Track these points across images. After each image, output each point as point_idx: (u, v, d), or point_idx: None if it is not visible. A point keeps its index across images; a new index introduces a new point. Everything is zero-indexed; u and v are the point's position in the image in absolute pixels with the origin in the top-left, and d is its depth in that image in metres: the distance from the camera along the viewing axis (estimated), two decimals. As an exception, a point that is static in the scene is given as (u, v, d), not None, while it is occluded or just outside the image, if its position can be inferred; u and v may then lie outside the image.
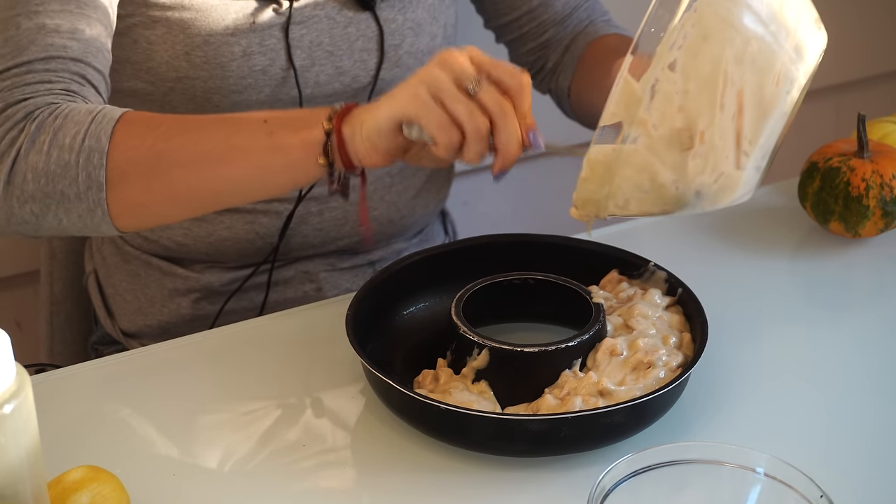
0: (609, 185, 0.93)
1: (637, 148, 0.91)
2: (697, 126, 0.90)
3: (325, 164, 0.98)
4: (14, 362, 0.72)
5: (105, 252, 1.32)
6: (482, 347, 0.97)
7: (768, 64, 0.90)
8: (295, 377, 1.05)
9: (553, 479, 0.93)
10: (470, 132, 0.93)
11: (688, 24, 0.89)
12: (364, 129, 0.96)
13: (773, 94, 0.91)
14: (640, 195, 0.94)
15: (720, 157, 0.92)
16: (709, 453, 0.83)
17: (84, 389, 1.05)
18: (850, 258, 1.21)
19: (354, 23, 1.20)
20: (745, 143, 0.91)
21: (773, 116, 0.91)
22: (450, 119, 0.93)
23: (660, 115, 0.90)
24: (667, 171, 0.92)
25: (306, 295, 1.27)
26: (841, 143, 1.24)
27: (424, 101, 0.93)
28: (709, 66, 0.90)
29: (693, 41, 0.90)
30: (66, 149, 0.99)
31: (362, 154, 0.97)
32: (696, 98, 0.90)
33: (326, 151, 0.97)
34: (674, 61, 0.90)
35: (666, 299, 1.05)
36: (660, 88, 0.90)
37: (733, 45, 0.90)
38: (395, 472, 0.95)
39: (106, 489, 0.83)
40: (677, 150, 0.91)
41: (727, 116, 0.90)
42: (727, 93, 0.90)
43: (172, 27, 1.14)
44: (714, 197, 0.94)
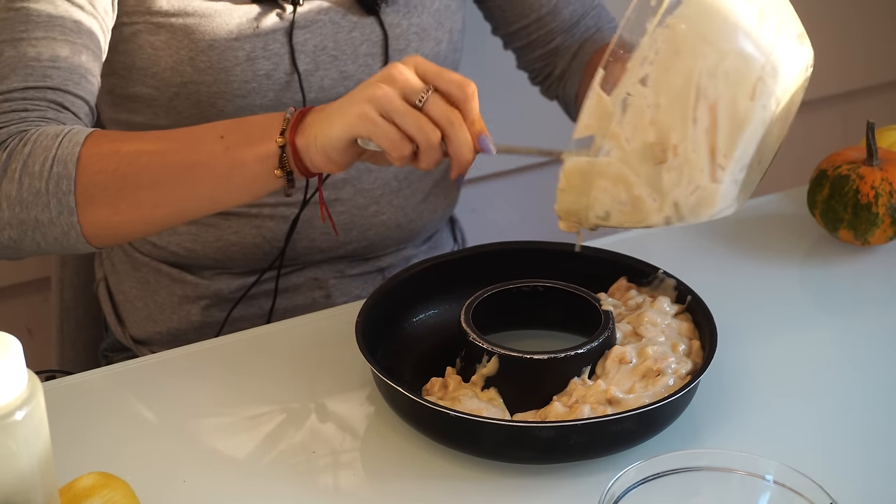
0: (587, 196, 0.94)
1: (611, 161, 0.92)
2: (670, 140, 0.91)
3: (283, 176, 0.99)
4: (26, 369, 0.72)
5: (115, 259, 1.32)
6: (492, 355, 0.97)
7: (742, 78, 0.90)
8: (304, 384, 1.05)
9: (562, 487, 0.93)
10: (422, 144, 0.95)
11: (659, 39, 0.90)
12: (319, 143, 0.98)
13: (747, 109, 0.91)
14: (619, 207, 0.94)
15: (695, 171, 0.92)
16: (718, 461, 0.83)
17: (94, 396, 1.05)
18: (859, 266, 1.21)
19: (359, 27, 1.20)
20: (719, 156, 0.91)
21: (747, 130, 0.91)
22: (401, 134, 0.95)
23: (632, 129, 0.91)
24: (642, 183, 0.92)
25: (315, 302, 1.27)
26: (850, 150, 1.24)
27: (374, 120, 0.95)
28: (680, 80, 0.90)
29: (665, 56, 0.90)
30: (35, 176, 1.01)
31: (319, 164, 0.99)
32: (668, 112, 0.90)
33: (282, 164, 0.99)
34: (645, 76, 0.90)
35: (675, 307, 1.05)
36: (631, 102, 0.91)
37: (706, 60, 0.90)
38: (404, 478, 0.95)
39: (117, 496, 0.83)
40: (651, 163, 0.92)
41: (700, 130, 0.90)
42: (699, 107, 0.90)
43: (177, 33, 1.15)
44: (693, 209, 0.94)
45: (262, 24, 1.16)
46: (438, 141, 0.95)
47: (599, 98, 0.91)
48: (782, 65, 0.92)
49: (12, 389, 0.71)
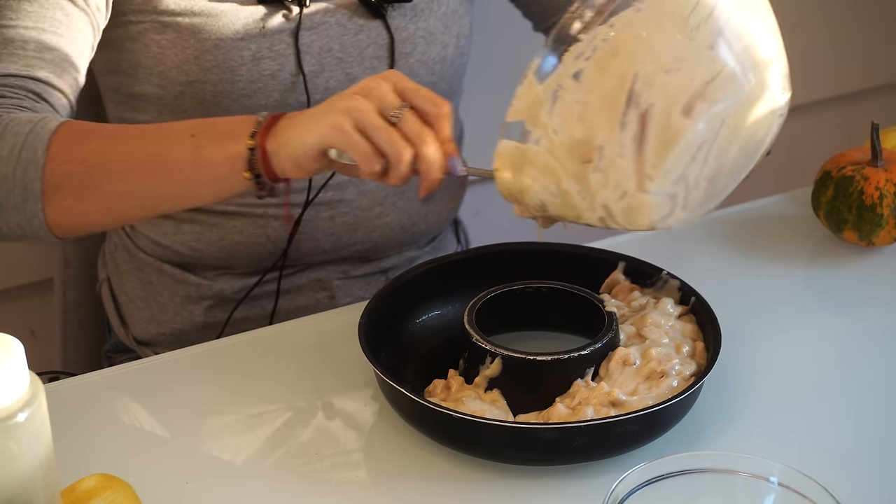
0: (519, 181, 0.94)
1: (539, 150, 0.92)
2: (596, 139, 0.90)
3: (251, 178, 0.99)
4: (28, 370, 0.72)
5: (118, 260, 1.32)
6: (495, 356, 0.97)
7: (679, 92, 0.89)
8: (307, 385, 1.05)
9: (566, 488, 0.93)
10: (392, 160, 0.95)
11: (599, 37, 0.89)
12: (289, 148, 0.98)
13: (680, 125, 0.89)
14: (552, 199, 0.94)
15: (621, 176, 0.91)
16: (722, 462, 0.83)
17: (97, 397, 1.05)
18: (863, 267, 1.21)
19: (365, 30, 1.20)
20: (647, 166, 0.90)
21: (679, 146, 0.90)
22: (373, 149, 0.95)
23: (560, 122, 0.91)
24: (569, 178, 0.92)
25: (319, 303, 1.27)
26: (854, 151, 1.23)
27: (347, 132, 0.95)
28: (614, 82, 0.89)
29: (602, 55, 0.90)
30: (3, 160, 1.01)
31: (287, 170, 0.99)
32: (597, 111, 0.90)
33: (251, 166, 0.99)
34: (579, 71, 0.90)
35: (678, 308, 1.05)
36: (562, 95, 0.90)
37: (645, 67, 0.89)
38: (407, 479, 0.95)
39: (119, 498, 0.83)
40: (578, 160, 0.91)
41: (628, 136, 0.90)
42: (630, 112, 0.89)
43: (183, 32, 1.15)
44: (626, 216, 0.93)
45: (267, 24, 1.16)
46: (410, 158, 0.95)
47: (532, 85, 0.91)
48: (734, 91, 0.90)
49: (14, 391, 0.71)
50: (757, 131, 0.94)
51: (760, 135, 0.95)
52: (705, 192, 0.94)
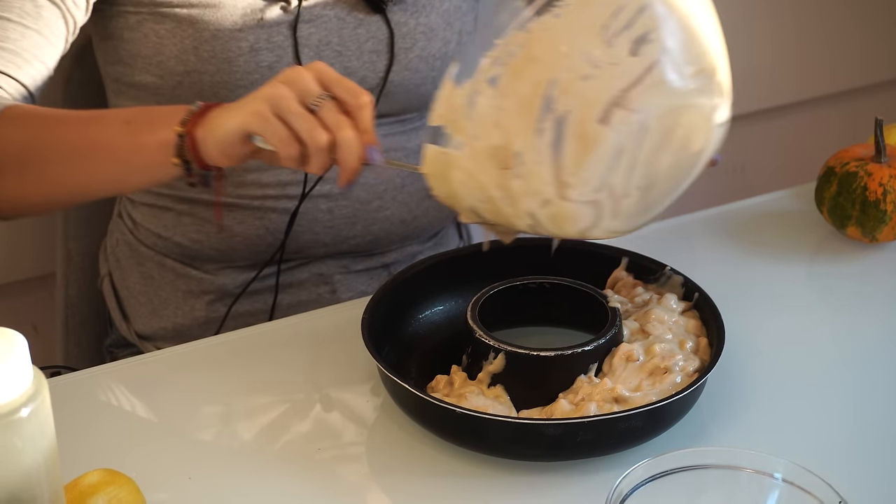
0: (448, 186, 0.94)
1: (462, 154, 0.92)
2: (514, 145, 0.90)
3: (180, 164, 1.01)
4: (31, 365, 0.72)
5: (119, 254, 1.32)
6: (498, 351, 0.97)
7: (596, 100, 0.88)
8: (310, 380, 1.05)
9: (569, 484, 0.93)
10: (310, 146, 0.96)
11: (515, 43, 0.89)
12: (214, 135, 0.99)
13: (597, 132, 0.88)
14: (481, 204, 0.94)
15: (541, 182, 0.90)
16: (726, 458, 0.83)
17: (99, 392, 1.05)
18: (867, 263, 1.20)
19: (365, 24, 1.20)
20: (565, 173, 0.90)
21: (595, 153, 0.89)
22: (290, 134, 0.95)
23: (479, 127, 0.90)
24: (492, 185, 0.92)
25: (320, 297, 1.27)
26: (858, 147, 1.23)
27: (266, 118, 0.96)
28: (529, 87, 0.89)
29: (518, 60, 0.89)
30: None
31: (214, 157, 1.00)
32: (513, 117, 0.89)
33: (180, 152, 1.00)
34: (496, 76, 0.89)
35: (682, 304, 1.05)
36: (479, 100, 0.90)
37: (560, 73, 0.88)
38: (410, 475, 0.95)
39: (122, 492, 0.83)
40: (498, 166, 0.91)
41: (545, 142, 0.89)
42: (546, 119, 0.88)
43: (181, 22, 1.15)
44: (552, 223, 0.93)
45: (266, 16, 1.16)
46: (325, 144, 0.95)
47: (450, 90, 0.91)
48: (658, 99, 0.89)
49: (18, 386, 0.71)
50: (691, 141, 0.93)
51: (697, 146, 0.93)
52: (640, 201, 0.93)
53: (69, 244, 1.41)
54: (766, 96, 1.96)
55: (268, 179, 1.22)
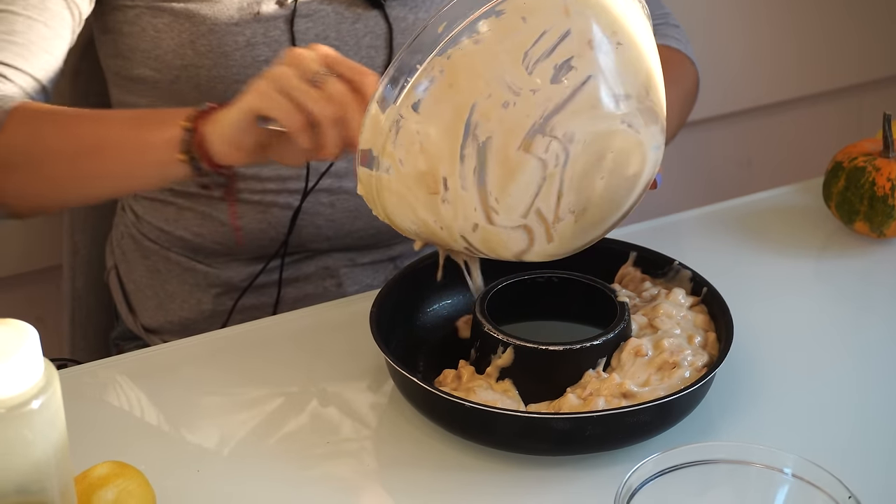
0: (383, 208, 0.94)
1: (391, 178, 0.92)
2: (439, 171, 0.90)
3: (187, 161, 1.01)
4: (42, 357, 0.72)
5: (125, 247, 1.32)
6: (507, 345, 0.97)
7: (518, 126, 0.88)
8: (318, 373, 1.05)
9: (578, 479, 0.93)
10: (317, 117, 0.95)
11: (436, 68, 0.88)
12: (220, 127, 0.99)
13: (519, 158, 0.88)
14: (416, 227, 0.94)
15: (468, 208, 0.91)
16: (736, 453, 0.83)
17: (106, 385, 1.05)
18: (875, 258, 1.20)
19: (363, 19, 1.20)
20: (490, 199, 0.90)
21: (519, 180, 0.89)
22: (295, 106, 0.95)
23: (405, 152, 0.90)
24: (422, 208, 0.92)
25: (326, 290, 1.27)
26: (866, 142, 1.23)
27: (269, 95, 0.96)
28: (450, 113, 0.88)
29: (439, 86, 0.88)
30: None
31: (222, 153, 1.00)
32: (437, 143, 0.89)
33: (187, 149, 1.00)
34: (418, 101, 0.89)
35: (690, 299, 1.05)
36: (403, 125, 0.89)
37: (481, 99, 0.88)
38: (418, 469, 0.94)
39: (132, 485, 0.83)
40: (426, 190, 0.91)
41: (468, 168, 0.89)
42: (468, 145, 0.88)
43: (178, 16, 1.15)
44: (486, 246, 0.93)
45: (262, 10, 1.16)
46: (334, 116, 0.95)
47: (376, 114, 0.90)
48: (581, 125, 0.89)
49: (29, 378, 0.71)
50: (624, 166, 0.92)
51: (632, 170, 0.93)
52: (576, 225, 0.93)
53: (76, 237, 1.41)
54: (772, 90, 1.95)
55: (268, 174, 1.22)
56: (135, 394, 1.04)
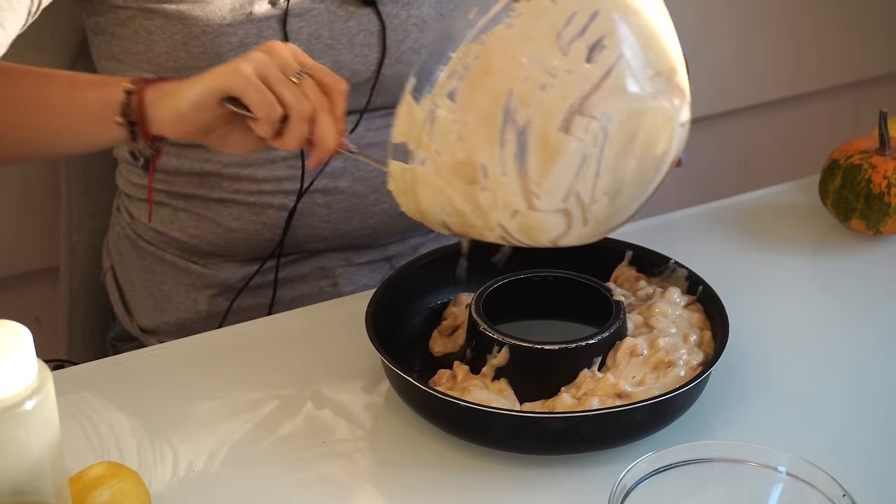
0: (416, 202, 0.94)
1: (427, 170, 0.91)
2: (478, 159, 0.89)
3: (124, 123, 1.00)
4: (36, 358, 0.72)
5: (121, 248, 1.32)
6: (502, 345, 0.97)
7: (556, 108, 0.88)
8: (314, 373, 1.05)
9: (573, 477, 0.93)
10: (294, 113, 0.95)
11: (471, 56, 0.88)
12: (175, 98, 0.98)
13: (559, 140, 0.88)
14: (451, 218, 0.94)
15: (508, 194, 0.90)
16: (730, 452, 0.83)
17: (103, 386, 1.05)
18: (871, 256, 1.20)
19: (356, 17, 1.20)
20: (531, 183, 0.90)
21: (560, 162, 0.89)
22: (275, 99, 0.95)
23: (441, 143, 0.90)
24: (460, 198, 0.92)
25: (322, 291, 1.27)
26: (862, 140, 1.23)
27: (249, 78, 0.96)
28: (488, 100, 0.88)
29: (474, 73, 0.88)
30: None
31: (165, 121, 0.99)
32: (474, 131, 0.89)
33: (125, 112, 1.00)
34: (454, 90, 0.89)
35: (685, 297, 1.05)
36: (439, 115, 0.89)
37: (518, 83, 0.88)
38: (414, 468, 0.95)
39: (126, 485, 0.83)
40: (464, 180, 0.90)
41: (508, 154, 0.89)
42: (507, 130, 0.88)
43: (170, 18, 1.15)
44: (523, 233, 0.93)
45: (254, 10, 1.16)
46: (310, 113, 0.95)
47: (410, 105, 0.90)
48: (617, 104, 0.89)
49: (22, 379, 0.71)
50: (654, 144, 0.93)
51: (661, 148, 0.93)
52: (609, 207, 0.93)
53: (73, 237, 1.41)
54: (768, 88, 1.95)
55: (263, 175, 1.22)
56: (131, 394, 1.04)
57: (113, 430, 0.98)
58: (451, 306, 1.07)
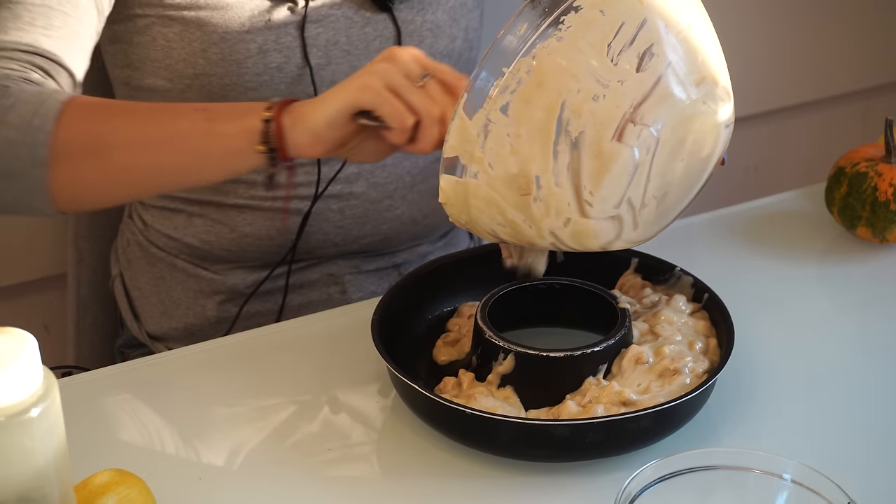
0: (467, 213, 0.95)
1: (479, 183, 0.92)
2: (531, 171, 0.91)
3: (266, 152, 1.00)
4: (41, 366, 0.72)
5: (130, 255, 1.33)
6: (508, 352, 0.97)
7: (609, 118, 0.89)
8: (320, 380, 1.05)
9: (578, 485, 0.93)
10: (425, 117, 0.97)
11: (522, 70, 0.89)
12: (309, 120, 0.99)
13: (613, 149, 0.90)
14: (501, 228, 0.95)
15: (561, 204, 0.91)
16: (735, 459, 0.83)
17: (111, 393, 1.05)
18: (877, 264, 1.20)
19: (372, 23, 1.20)
20: (585, 192, 0.91)
21: (613, 171, 0.90)
22: (405, 106, 0.96)
23: (494, 156, 0.91)
24: (512, 209, 0.93)
25: (331, 297, 1.27)
26: (868, 147, 1.23)
27: (378, 91, 0.97)
28: (541, 113, 0.89)
29: (527, 87, 0.89)
30: (13, 127, 1.02)
31: (302, 144, 1.00)
32: (528, 143, 0.90)
33: (265, 140, 1.00)
34: (506, 104, 0.90)
35: (691, 305, 1.05)
36: (492, 129, 0.90)
37: (571, 95, 0.89)
38: (419, 476, 0.95)
39: (132, 492, 0.84)
40: (517, 192, 0.91)
41: (562, 164, 0.90)
42: (561, 141, 0.89)
43: (189, 24, 1.16)
44: (575, 240, 0.94)
45: (273, 17, 1.16)
46: (441, 116, 0.96)
47: (462, 121, 0.91)
48: (666, 111, 0.90)
49: (28, 386, 0.71)
50: (701, 147, 0.94)
51: (707, 150, 0.95)
52: (657, 210, 0.94)
53: (80, 244, 1.42)
54: (776, 96, 1.95)
55: (280, 181, 1.22)
56: (138, 401, 1.04)
57: (120, 436, 0.99)
58: (455, 317, 1.07)
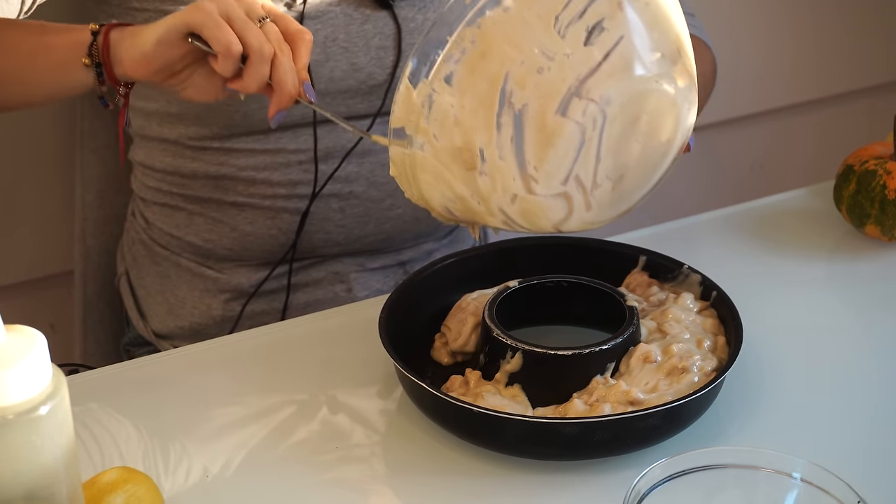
0: (418, 188, 0.94)
1: (426, 155, 0.91)
2: (475, 143, 0.90)
3: (91, 65, 1.01)
4: (51, 363, 0.72)
5: (135, 253, 1.33)
6: (516, 350, 0.96)
7: (554, 91, 0.88)
8: (327, 378, 1.05)
9: (587, 483, 0.93)
10: (254, 52, 0.96)
11: (467, 39, 0.88)
12: (139, 37, 0.99)
13: (557, 123, 0.88)
14: (453, 204, 0.94)
15: (507, 178, 0.90)
16: (745, 458, 0.82)
17: (117, 391, 1.05)
18: (886, 261, 1.20)
19: (372, 20, 1.20)
20: (529, 167, 0.90)
21: (558, 146, 0.89)
22: (236, 36, 0.96)
23: (439, 127, 0.90)
24: (459, 184, 0.92)
25: (337, 296, 1.27)
26: (877, 145, 1.23)
27: (211, 14, 0.96)
28: (485, 84, 0.88)
29: (471, 56, 0.89)
30: None
31: (129, 61, 1.00)
32: (471, 114, 0.89)
33: (91, 52, 1.00)
34: (450, 73, 0.89)
35: (699, 303, 1.05)
36: (436, 100, 0.90)
37: (515, 66, 0.88)
38: (427, 474, 0.94)
39: (140, 490, 0.84)
40: (462, 165, 0.90)
41: (505, 137, 0.89)
42: (504, 113, 0.88)
43: None
44: (524, 218, 0.93)
45: None
46: (270, 54, 0.96)
47: (408, 90, 0.90)
48: (615, 88, 0.89)
49: (37, 384, 0.71)
50: (658, 128, 0.92)
51: (666, 133, 0.93)
52: (613, 192, 0.93)
53: (87, 242, 1.42)
54: (784, 93, 1.95)
55: (278, 179, 1.22)
56: (145, 399, 1.04)
57: (127, 434, 0.99)
58: (452, 311, 1.06)
